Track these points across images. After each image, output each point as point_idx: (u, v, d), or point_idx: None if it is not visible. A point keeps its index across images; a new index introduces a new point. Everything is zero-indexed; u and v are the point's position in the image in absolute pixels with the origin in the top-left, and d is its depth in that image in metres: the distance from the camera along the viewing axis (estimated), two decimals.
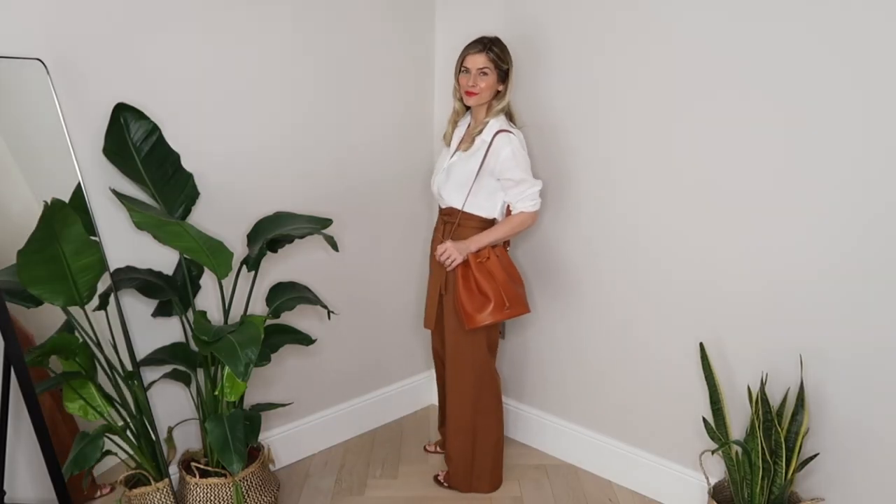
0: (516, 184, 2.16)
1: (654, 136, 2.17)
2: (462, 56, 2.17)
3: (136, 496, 1.98)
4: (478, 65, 2.13)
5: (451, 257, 2.18)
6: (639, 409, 2.39)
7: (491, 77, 2.14)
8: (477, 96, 2.15)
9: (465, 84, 2.16)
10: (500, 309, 2.17)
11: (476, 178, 2.18)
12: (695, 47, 2.03)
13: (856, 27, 1.72)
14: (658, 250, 2.23)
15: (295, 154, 2.40)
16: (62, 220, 1.64)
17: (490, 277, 2.18)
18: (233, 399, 2.02)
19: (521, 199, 2.18)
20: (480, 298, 2.17)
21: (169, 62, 2.04)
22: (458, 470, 2.40)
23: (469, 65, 2.15)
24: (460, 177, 2.22)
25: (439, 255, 2.21)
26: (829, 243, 1.86)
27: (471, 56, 2.14)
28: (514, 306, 2.19)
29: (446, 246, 2.19)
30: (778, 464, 1.85)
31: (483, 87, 2.14)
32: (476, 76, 2.14)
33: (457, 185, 2.23)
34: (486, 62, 2.13)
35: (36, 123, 1.85)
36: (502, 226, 2.21)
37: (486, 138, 2.17)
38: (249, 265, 2.08)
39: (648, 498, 2.40)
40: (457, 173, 2.23)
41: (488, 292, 2.16)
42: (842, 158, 1.80)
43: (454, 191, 2.24)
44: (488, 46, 2.14)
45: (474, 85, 2.14)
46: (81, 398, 1.88)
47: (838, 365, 1.89)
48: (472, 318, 2.16)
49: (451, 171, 2.25)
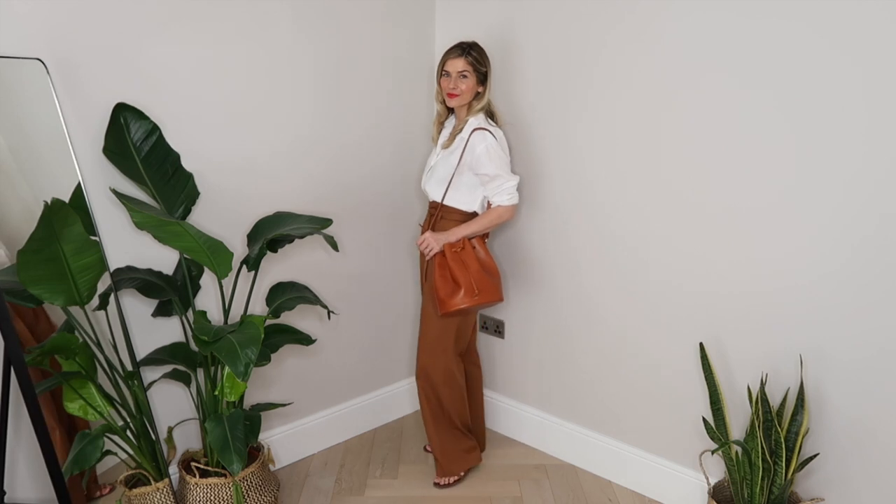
0: (492, 178, 2.27)
1: (653, 136, 2.17)
2: (443, 60, 2.28)
3: (136, 496, 1.98)
4: (458, 68, 2.25)
5: (430, 247, 2.31)
6: (639, 409, 2.39)
7: (470, 80, 2.26)
8: (458, 98, 2.27)
9: (447, 87, 2.28)
10: (470, 295, 2.28)
11: (455, 173, 2.30)
12: (692, 47, 2.02)
13: (856, 27, 1.72)
14: (659, 251, 2.23)
15: (295, 154, 2.40)
16: (62, 219, 1.64)
17: (463, 267, 2.30)
18: (233, 399, 2.02)
19: (497, 194, 2.28)
20: (452, 285, 2.30)
21: (169, 62, 2.04)
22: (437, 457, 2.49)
23: (449, 68, 2.26)
24: (441, 172, 2.35)
25: (419, 244, 2.35)
26: (829, 244, 1.86)
27: (451, 60, 2.26)
28: (483, 294, 2.30)
29: (425, 236, 2.33)
30: (778, 464, 1.85)
31: (463, 90, 2.26)
32: (456, 79, 2.25)
33: (438, 180, 2.36)
34: (466, 65, 2.24)
35: (36, 123, 1.85)
36: (480, 219, 2.32)
37: (464, 136, 2.28)
38: (249, 265, 2.09)
39: (648, 498, 2.40)
40: (439, 169, 2.36)
41: (460, 280, 2.28)
42: (843, 160, 1.80)
43: (436, 186, 2.37)
44: (467, 51, 2.25)
45: (455, 87, 2.26)
46: (81, 398, 1.88)
47: (838, 365, 1.89)
48: (444, 303, 2.29)
49: (435, 168, 2.38)
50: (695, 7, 2.00)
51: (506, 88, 2.53)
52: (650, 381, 2.34)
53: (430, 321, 2.41)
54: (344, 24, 2.44)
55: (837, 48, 1.76)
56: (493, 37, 2.51)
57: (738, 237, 2.03)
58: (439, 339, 2.40)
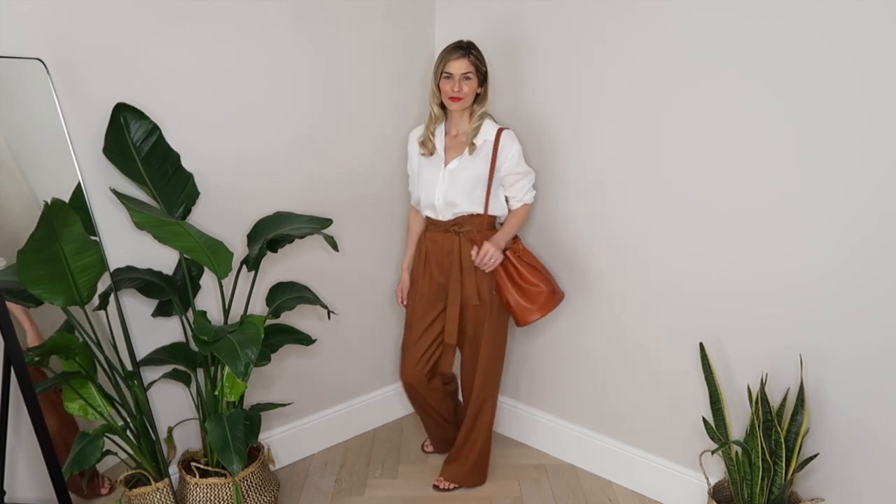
0: (522, 177, 2.22)
1: (653, 137, 2.17)
2: (442, 62, 2.15)
3: (136, 496, 1.98)
4: (462, 70, 2.13)
5: (495, 258, 2.18)
6: (639, 409, 2.39)
7: (473, 81, 2.16)
8: (461, 101, 2.16)
9: (449, 90, 2.15)
10: (556, 293, 2.26)
11: (492, 180, 2.20)
12: (691, 47, 2.02)
13: (856, 27, 1.72)
14: (658, 250, 2.23)
15: (295, 154, 2.40)
16: (62, 219, 1.64)
17: (533, 267, 2.25)
18: (233, 399, 2.02)
19: (526, 192, 2.26)
20: (533, 291, 2.22)
21: (169, 62, 2.04)
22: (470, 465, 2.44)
23: (452, 70, 2.14)
24: (470, 180, 2.20)
25: (483, 259, 2.18)
26: (829, 244, 1.86)
27: (453, 61, 2.13)
28: (559, 290, 2.28)
29: (487, 247, 2.18)
30: (778, 464, 1.85)
31: (467, 92, 2.15)
32: (460, 81, 2.14)
33: (468, 189, 2.21)
34: (469, 66, 2.14)
35: (36, 123, 1.85)
36: (514, 220, 2.27)
37: (488, 138, 2.20)
38: (249, 265, 2.08)
39: (648, 498, 2.40)
40: (464, 178, 2.21)
41: (539, 282, 2.22)
42: (843, 160, 1.80)
43: (465, 197, 2.21)
44: (468, 51, 2.15)
45: (459, 90, 2.14)
46: (81, 398, 1.88)
47: (838, 365, 1.89)
48: (528, 311, 2.22)
49: (455, 177, 2.22)
50: (694, 7, 2.00)
51: (506, 89, 2.53)
52: (650, 380, 2.34)
53: (491, 342, 2.30)
54: (344, 23, 2.44)
55: (837, 48, 1.76)
56: (493, 37, 2.51)
57: (738, 237, 2.03)
58: (500, 359, 2.34)
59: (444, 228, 2.28)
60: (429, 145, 2.27)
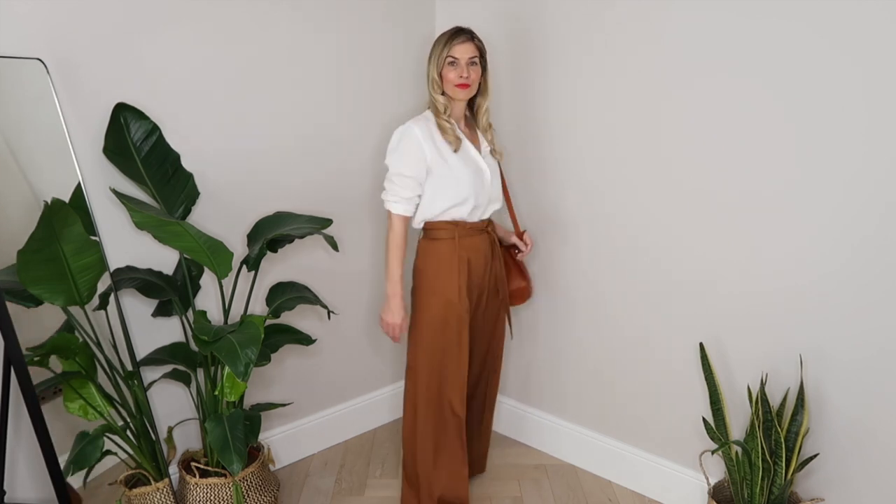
0: None
1: (652, 137, 2.17)
2: (447, 46, 1.98)
3: (136, 496, 1.98)
4: (468, 54, 1.97)
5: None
6: (639, 409, 2.39)
7: (479, 67, 2.01)
8: (469, 88, 2.00)
9: (455, 77, 1.97)
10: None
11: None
12: (691, 47, 2.02)
13: (856, 27, 1.72)
14: (658, 250, 2.23)
15: (295, 154, 2.40)
16: (62, 219, 1.65)
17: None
18: (233, 399, 2.02)
19: None
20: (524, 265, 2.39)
21: (169, 62, 2.04)
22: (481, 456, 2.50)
23: (457, 55, 1.96)
24: (496, 180, 2.13)
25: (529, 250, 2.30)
26: (829, 244, 1.86)
27: (458, 45, 1.97)
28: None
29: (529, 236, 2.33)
30: (778, 464, 1.85)
31: (474, 79, 2.00)
32: (467, 66, 1.98)
33: (498, 190, 2.14)
34: (475, 50, 1.99)
35: (36, 123, 1.85)
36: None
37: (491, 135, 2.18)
38: (249, 265, 2.09)
39: (648, 498, 2.40)
40: (488, 176, 2.09)
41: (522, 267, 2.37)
42: (843, 159, 1.80)
43: (497, 196, 2.14)
44: (472, 35, 2.01)
45: (467, 76, 1.98)
46: (81, 398, 1.88)
47: (838, 365, 1.89)
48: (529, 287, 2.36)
49: (493, 174, 2.11)
50: (694, 7, 2.00)
51: (507, 89, 2.53)
52: (650, 380, 2.34)
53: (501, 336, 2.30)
54: (344, 23, 2.44)
55: (837, 48, 1.76)
56: (493, 37, 2.50)
57: (738, 237, 2.03)
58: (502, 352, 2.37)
59: (481, 229, 2.11)
60: (452, 138, 2.03)
